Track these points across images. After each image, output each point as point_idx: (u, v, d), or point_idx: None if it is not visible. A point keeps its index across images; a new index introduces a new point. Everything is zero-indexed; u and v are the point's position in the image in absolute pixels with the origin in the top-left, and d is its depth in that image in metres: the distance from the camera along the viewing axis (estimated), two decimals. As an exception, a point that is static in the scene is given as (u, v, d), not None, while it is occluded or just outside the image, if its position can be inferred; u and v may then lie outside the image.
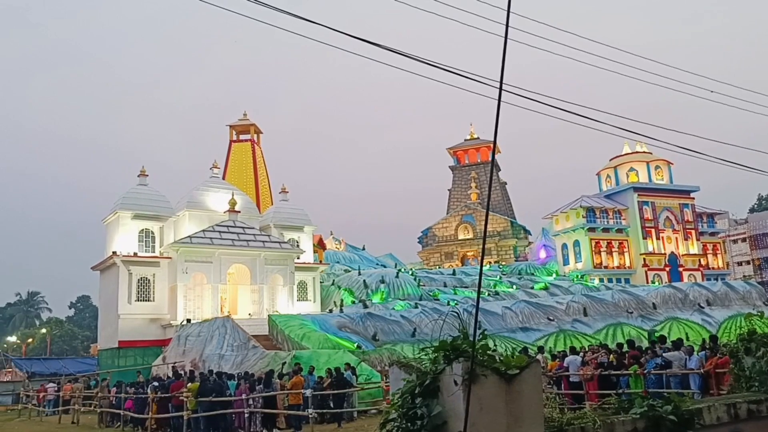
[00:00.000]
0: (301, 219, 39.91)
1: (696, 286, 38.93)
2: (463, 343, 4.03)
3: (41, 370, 40.04)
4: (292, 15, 6.41)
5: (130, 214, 34.01)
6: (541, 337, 31.07)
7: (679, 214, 52.38)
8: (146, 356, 31.09)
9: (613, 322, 33.26)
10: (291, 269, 35.35)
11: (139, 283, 32.92)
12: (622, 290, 37.85)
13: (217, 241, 33.23)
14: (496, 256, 57.13)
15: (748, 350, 7.15)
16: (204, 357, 25.25)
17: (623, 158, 53.91)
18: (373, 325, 29.37)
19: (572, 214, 50.62)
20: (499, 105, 3.20)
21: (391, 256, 58.07)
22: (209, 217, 35.56)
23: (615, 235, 50.55)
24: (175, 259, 32.62)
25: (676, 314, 35.04)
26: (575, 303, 34.31)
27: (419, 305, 33.41)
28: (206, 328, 26.97)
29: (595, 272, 48.16)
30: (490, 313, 31.95)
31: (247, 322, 29.81)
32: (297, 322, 28.30)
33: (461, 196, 63.67)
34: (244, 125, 47.83)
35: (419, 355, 4.40)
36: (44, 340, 66.13)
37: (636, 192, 51.07)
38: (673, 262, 50.87)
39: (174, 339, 27.81)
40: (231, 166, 46.30)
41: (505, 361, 3.97)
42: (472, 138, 66.04)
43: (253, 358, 24.37)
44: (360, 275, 39.09)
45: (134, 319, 32.18)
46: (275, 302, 34.44)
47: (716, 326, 34.38)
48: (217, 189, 37.36)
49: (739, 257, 71.52)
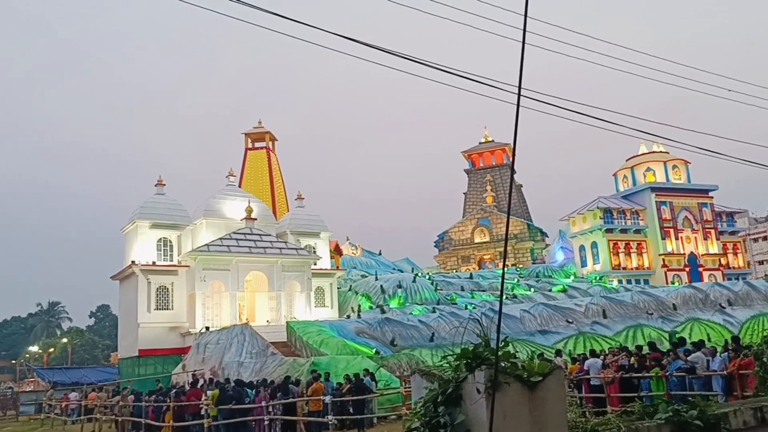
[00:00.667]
0: (317, 225, 40.02)
1: (716, 286, 38.39)
2: (485, 351, 4.00)
3: (63, 379, 40.42)
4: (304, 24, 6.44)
5: (148, 223, 34.30)
6: (560, 339, 30.80)
7: (698, 213, 51.76)
8: (166, 364, 31.24)
9: (633, 324, 32.90)
10: (308, 275, 35.43)
11: (158, 292, 33.15)
12: (641, 291, 37.44)
13: (235, 248, 33.39)
14: (513, 258, 56.84)
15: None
16: (223, 365, 25.35)
17: (640, 158, 53.44)
18: (391, 331, 29.31)
19: (589, 215, 50.23)
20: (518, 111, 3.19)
21: (407, 260, 58.02)
22: (226, 225, 35.76)
23: (633, 235, 50.06)
24: (193, 268, 32.82)
25: (697, 315, 34.57)
26: (594, 305, 34.01)
27: (437, 309, 33.29)
28: (225, 336, 27.07)
29: (614, 273, 47.71)
30: (508, 316, 31.73)
31: (265, 329, 29.92)
32: (315, 329, 28.33)
33: (477, 200, 63.48)
34: (259, 133, 48.13)
35: (441, 363, 4.38)
36: (65, 350, 66.85)
37: (653, 192, 50.57)
38: (692, 263, 50.25)
39: (193, 347, 27.94)
40: (247, 173, 46.59)
41: (527, 368, 3.94)
42: (487, 141, 65.86)
43: (272, 365, 24.42)
44: (377, 280, 39.07)
45: (154, 327, 32.39)
46: (293, 309, 34.51)
47: (738, 326, 33.86)
48: (233, 197, 37.58)
49: (760, 256, 70.50)
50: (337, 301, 37.97)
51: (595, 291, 39.97)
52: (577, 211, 51.72)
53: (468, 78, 6.34)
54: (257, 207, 37.44)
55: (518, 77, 3.05)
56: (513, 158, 3.82)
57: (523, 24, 3.07)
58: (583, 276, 47.94)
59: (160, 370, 30.73)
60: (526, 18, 3.04)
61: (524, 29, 3.05)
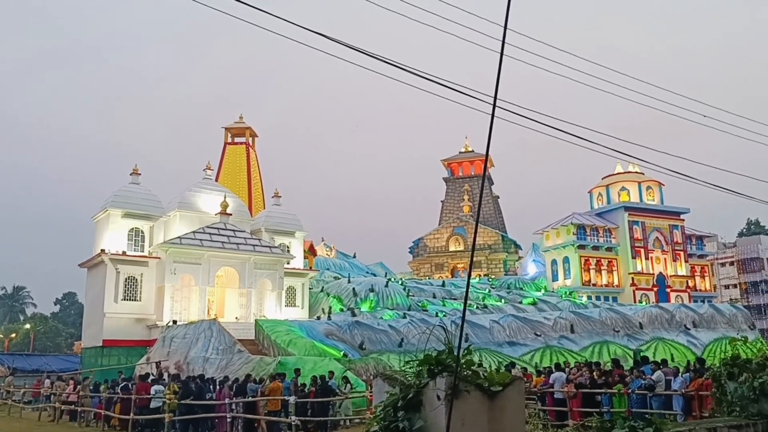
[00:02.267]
0: (293, 224, 39.86)
1: (683, 307, 39.10)
2: (447, 358, 4.02)
3: (23, 366, 39.60)
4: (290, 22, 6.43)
5: (121, 212, 33.84)
6: (527, 352, 31.08)
7: (669, 235, 52.71)
8: (130, 356, 30.80)
9: (600, 340, 33.33)
10: (280, 274, 35.24)
11: (126, 282, 32.70)
12: (609, 308, 37.96)
13: (207, 243, 33.09)
14: (486, 269, 57.22)
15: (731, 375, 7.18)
16: (189, 359, 25.06)
17: (615, 177, 54.27)
18: (361, 334, 29.28)
19: (563, 230, 50.83)
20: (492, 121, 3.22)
21: (381, 264, 58.02)
22: (200, 219, 35.42)
23: (604, 253, 50.76)
24: (163, 260, 32.45)
25: (662, 335, 35.17)
26: (562, 319, 34.36)
27: (407, 315, 33.35)
28: (192, 330, 26.78)
29: (584, 289, 48.30)
30: (477, 326, 31.94)
31: (233, 325, 29.66)
32: (284, 328, 28.18)
33: (454, 208, 63.82)
34: (239, 128, 47.80)
35: (404, 368, 4.38)
36: (28, 336, 65.49)
37: (627, 211, 51.37)
38: (661, 283, 51.12)
39: (159, 340, 27.59)
40: (225, 168, 46.21)
41: (488, 377, 3.97)
42: (467, 151, 66.32)
43: (238, 363, 24.21)
44: (349, 283, 39.00)
45: (120, 318, 31.95)
46: (263, 307, 34.28)
47: (701, 348, 34.53)
48: (209, 191, 37.24)
49: (726, 280, 71.91)
50: (308, 301, 37.80)
51: (564, 306, 40.39)
52: (552, 226, 52.30)
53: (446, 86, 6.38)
54: (233, 202, 37.16)
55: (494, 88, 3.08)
56: (485, 167, 3.86)
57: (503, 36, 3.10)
58: (554, 290, 48.45)
59: (123, 362, 30.27)
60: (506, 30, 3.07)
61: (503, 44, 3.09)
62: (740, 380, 7.04)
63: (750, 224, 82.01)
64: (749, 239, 74.58)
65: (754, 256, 71.11)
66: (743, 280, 70.87)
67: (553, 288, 49.44)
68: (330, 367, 22.12)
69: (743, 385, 6.97)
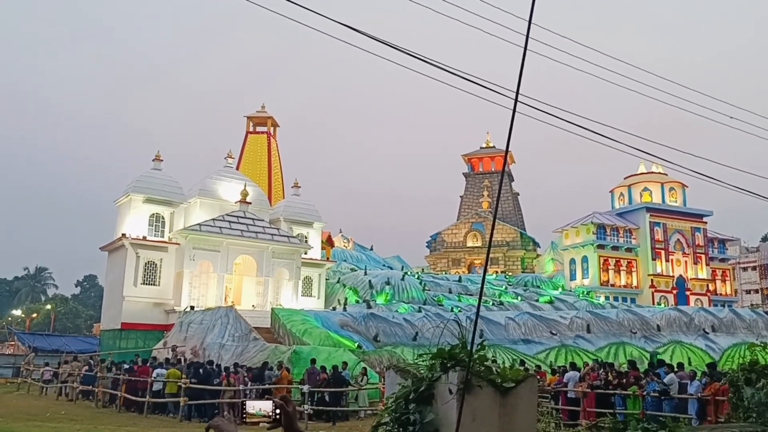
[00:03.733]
0: (311, 215, 39.99)
1: (702, 311, 38.58)
2: (460, 352, 4.02)
3: (43, 345, 40.32)
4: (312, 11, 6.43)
5: (142, 197, 34.21)
6: (542, 350, 30.91)
7: (691, 237, 51.99)
8: (148, 339, 31.21)
9: (616, 341, 33.04)
10: (297, 264, 35.40)
11: (145, 267, 33.08)
12: (627, 309, 37.59)
13: (226, 230, 33.33)
14: (503, 266, 56.97)
15: (748, 380, 7.07)
16: (204, 345, 25.33)
17: (638, 177, 53.61)
18: (375, 326, 29.33)
19: (583, 229, 50.38)
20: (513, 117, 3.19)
21: (398, 258, 58.04)
22: (220, 206, 35.68)
23: (624, 253, 50.24)
24: (183, 246, 32.76)
25: (680, 338, 34.74)
26: (579, 319, 34.12)
27: (423, 309, 33.35)
28: (209, 317, 27.05)
29: (602, 290, 47.87)
30: (493, 322, 31.84)
31: (250, 313, 29.89)
32: (299, 317, 28.33)
33: (473, 204, 63.55)
34: (261, 117, 48.01)
35: (416, 361, 4.39)
36: (48, 316, 66.67)
37: (648, 212, 50.74)
38: (680, 285, 50.49)
39: (176, 325, 27.91)
40: (245, 156, 46.48)
41: (501, 374, 3.95)
42: (488, 146, 65.92)
43: (254, 350, 24.43)
44: (366, 275, 39.09)
45: (138, 302, 32.33)
46: (279, 296, 34.48)
47: (719, 353, 34.06)
48: (229, 179, 37.48)
49: (747, 285, 70.82)
50: (325, 292, 37.96)
51: (581, 305, 40.08)
52: (571, 225, 51.86)
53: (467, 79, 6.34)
54: (253, 191, 37.37)
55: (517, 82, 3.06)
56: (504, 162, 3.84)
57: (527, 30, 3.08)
58: (571, 289, 48.09)
59: (141, 345, 30.68)
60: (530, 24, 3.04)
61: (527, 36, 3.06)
62: (758, 386, 6.94)
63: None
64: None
65: (777, 262, 69.93)
66: (765, 285, 69.72)
67: (571, 287, 49.07)
68: (344, 357, 22.23)
69: (761, 391, 6.87)
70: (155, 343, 29.12)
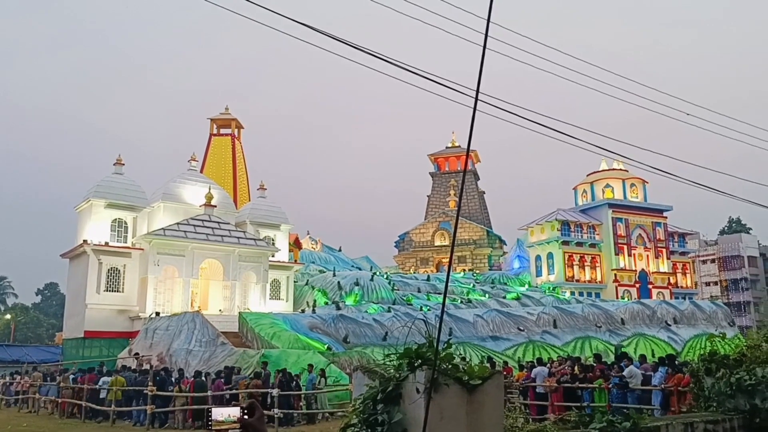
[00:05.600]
0: (278, 217, 39.69)
1: (664, 303, 39.53)
2: (427, 351, 4.03)
3: (3, 356, 39.20)
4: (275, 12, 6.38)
5: (104, 202, 33.51)
6: (510, 346, 31.28)
7: (652, 232, 53.21)
8: (112, 348, 30.58)
9: (582, 336, 33.61)
10: (265, 267, 35.11)
11: (108, 273, 32.43)
12: (592, 304, 38.29)
13: (191, 234, 32.86)
14: (470, 264, 57.43)
15: (708, 371, 7.26)
16: (171, 351, 24.94)
17: (600, 174, 54.64)
18: (345, 327, 29.31)
19: (547, 226, 51.13)
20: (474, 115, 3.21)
21: (367, 258, 57.99)
22: (184, 210, 35.16)
23: (588, 249, 51.14)
24: (147, 251, 32.20)
25: (644, 330, 35.54)
26: (546, 314, 34.61)
27: (392, 309, 33.42)
28: (175, 323, 26.65)
29: (567, 285, 48.64)
30: (461, 320, 32.09)
31: (217, 318, 29.53)
32: (268, 321, 28.12)
33: (440, 203, 63.93)
34: (225, 119, 47.47)
35: (384, 361, 4.38)
36: (8, 326, 64.78)
37: (611, 208, 51.77)
38: (643, 279, 51.62)
39: (142, 332, 27.43)
40: (210, 159, 45.89)
41: (468, 371, 3.98)
42: (454, 146, 66.36)
43: (222, 355, 24.15)
44: (335, 276, 38.97)
45: (102, 309, 31.68)
46: (247, 300, 34.15)
47: (682, 344, 34.97)
48: (194, 182, 36.97)
49: (707, 278, 72.87)
50: (293, 294, 37.71)
51: (547, 301, 40.68)
52: (536, 222, 52.60)
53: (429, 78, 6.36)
54: (218, 194, 36.92)
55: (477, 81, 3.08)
56: (466, 160, 3.85)
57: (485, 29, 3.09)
58: (537, 285, 48.75)
59: (105, 354, 30.06)
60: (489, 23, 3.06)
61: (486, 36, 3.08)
62: (717, 376, 7.12)
63: (732, 222, 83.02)
64: (730, 237, 75.59)
65: (734, 254, 72.13)
66: (724, 277, 71.88)
67: (537, 283, 49.75)
68: (314, 360, 22.16)
69: (720, 380, 7.06)
70: (120, 351, 28.55)
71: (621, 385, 14.10)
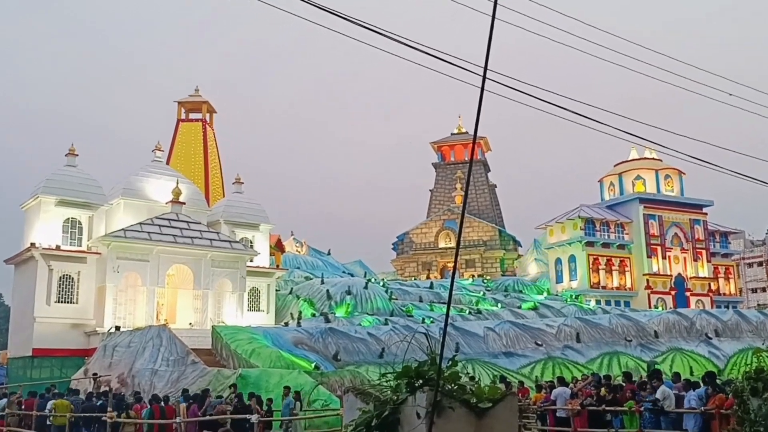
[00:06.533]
0: (257, 215, 39.69)
1: (704, 313, 39.64)
2: (429, 370, 4.03)
3: (-62, 378, 39.04)
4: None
5: (54, 199, 33.44)
6: (526, 364, 31.35)
7: (689, 231, 53.34)
8: (65, 368, 30.59)
9: (609, 351, 33.70)
10: (242, 273, 35.12)
11: (60, 282, 32.37)
12: (620, 315, 38.39)
13: (156, 236, 32.85)
14: (480, 268, 57.54)
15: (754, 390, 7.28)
16: (134, 372, 24.97)
17: (629, 164, 54.75)
18: (335, 343, 29.35)
19: (569, 225, 51.22)
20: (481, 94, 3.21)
21: (360, 263, 58.12)
22: (148, 208, 35.15)
23: (616, 251, 51.26)
24: (105, 256, 32.17)
25: (680, 345, 35.64)
26: (567, 327, 34.70)
27: (390, 322, 33.46)
28: (138, 338, 26.66)
29: (592, 293, 48.78)
30: (470, 334, 32.14)
31: (187, 333, 29.58)
32: (246, 336, 28.14)
33: (444, 198, 63.99)
34: (195, 102, 47.40)
35: (380, 381, 4.39)
36: (-56, 344, 64.65)
37: (642, 203, 51.87)
38: (679, 286, 51.78)
39: (99, 349, 27.45)
40: (177, 148, 45.86)
41: (476, 392, 3.98)
42: (460, 132, 66.39)
43: (192, 376, 24.16)
44: (323, 284, 39.02)
45: (53, 323, 31.64)
46: (221, 311, 34.17)
47: (724, 360, 35.06)
48: (159, 175, 36.95)
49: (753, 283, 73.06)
50: (275, 305, 37.76)
51: (569, 311, 40.78)
52: (556, 220, 52.68)
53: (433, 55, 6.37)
54: (187, 189, 36.90)
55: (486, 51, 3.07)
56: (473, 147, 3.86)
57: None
58: (558, 293, 48.87)
59: (57, 375, 30.03)
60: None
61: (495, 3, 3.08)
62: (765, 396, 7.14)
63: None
64: (780, 236, 75.81)
65: (785, 256, 72.33)
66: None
67: (557, 291, 49.86)
68: (299, 380, 22.16)
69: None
70: (74, 372, 28.54)
71: (656, 410, 14.12)
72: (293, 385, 20.35)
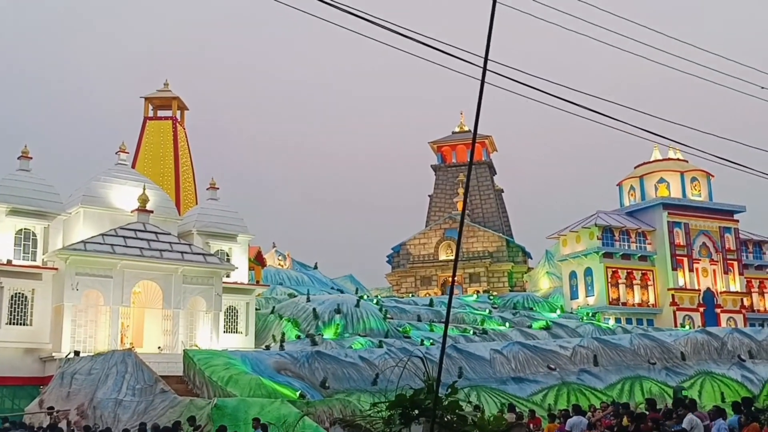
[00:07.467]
0: (235, 225, 39.65)
1: (736, 332, 39.73)
2: (426, 398, 4.02)
3: None
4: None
5: (5, 208, 33.31)
6: (538, 390, 31.35)
7: (719, 240, 53.50)
8: (18, 398, 30.42)
9: (631, 375, 33.73)
10: (217, 291, 35.05)
11: (12, 301, 32.23)
12: (643, 334, 38.46)
13: (121, 249, 32.76)
14: (486, 283, 57.60)
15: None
16: (95, 403, 24.84)
17: (651, 166, 54.94)
18: (323, 368, 29.33)
19: (584, 234, 51.31)
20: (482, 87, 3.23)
21: (351, 278, 58.17)
22: (111, 218, 35.08)
23: (637, 263, 51.37)
24: (62, 271, 32.07)
25: (710, 368, 35.69)
26: (583, 348, 34.72)
27: (384, 344, 33.46)
28: (100, 365, 26.55)
29: (611, 310, 48.85)
30: (474, 357, 32.14)
31: (155, 358, 29.50)
32: (222, 361, 28.10)
33: (445, 205, 64.09)
34: (164, 98, 47.45)
35: (371, 412, 4.38)
36: None
37: (666, 210, 52.01)
38: (708, 302, 51.88)
39: (56, 377, 27.30)
40: (144, 150, 45.84)
41: (479, 424, 3.98)
42: (462, 131, 66.60)
43: (162, 406, 24.07)
44: (309, 302, 38.99)
45: (4, 348, 31.47)
46: (195, 333, 34.09)
47: (759, 385, 35.13)
48: (123, 180, 36.89)
49: (791, 298, 73.16)
50: (255, 326, 37.70)
51: (585, 331, 40.83)
52: (570, 228, 52.78)
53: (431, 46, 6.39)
54: (155, 196, 36.85)
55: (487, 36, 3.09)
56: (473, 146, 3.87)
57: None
58: (572, 311, 48.92)
59: (9, 406, 29.96)
60: (501, -28, 3.08)
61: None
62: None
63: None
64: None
65: (826, 268, 72.55)
66: (813, 297, 72.22)
67: (572, 308, 49.92)
68: (282, 410, 22.09)
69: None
70: (28, 403, 28.39)
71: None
72: (275, 417, 20.32)
